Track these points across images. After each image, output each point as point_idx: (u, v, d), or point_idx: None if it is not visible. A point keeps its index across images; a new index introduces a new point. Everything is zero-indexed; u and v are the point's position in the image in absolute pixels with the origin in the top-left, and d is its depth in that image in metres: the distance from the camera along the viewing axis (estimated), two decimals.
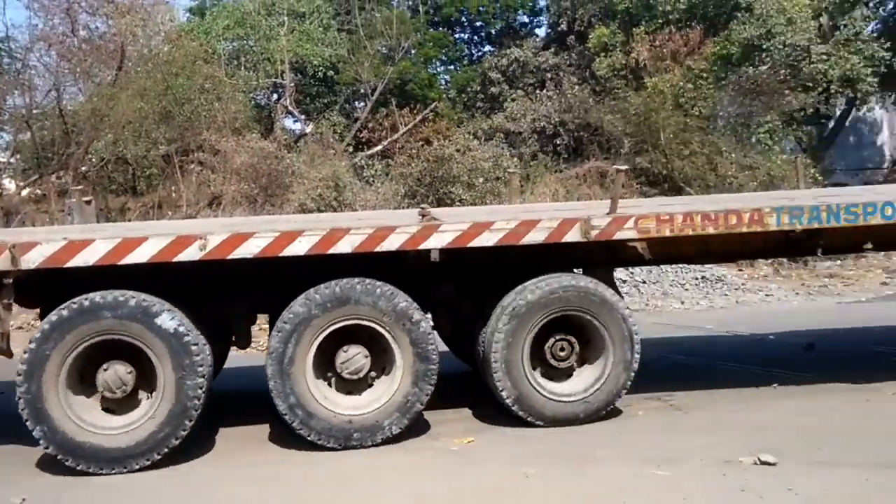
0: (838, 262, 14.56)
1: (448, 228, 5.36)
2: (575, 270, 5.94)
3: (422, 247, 5.31)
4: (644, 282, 12.67)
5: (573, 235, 5.46)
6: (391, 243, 5.25)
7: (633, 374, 5.64)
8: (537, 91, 22.00)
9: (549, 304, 5.50)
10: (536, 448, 5.23)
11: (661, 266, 12.59)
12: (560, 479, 4.68)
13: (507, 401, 5.51)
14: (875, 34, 19.96)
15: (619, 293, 5.95)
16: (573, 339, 5.63)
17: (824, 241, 6.03)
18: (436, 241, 5.31)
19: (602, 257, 5.95)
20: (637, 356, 5.62)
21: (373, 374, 5.41)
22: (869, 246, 6.31)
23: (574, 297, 5.54)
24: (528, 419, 5.53)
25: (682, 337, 9.15)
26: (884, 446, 5.05)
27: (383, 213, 9.97)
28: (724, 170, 16.48)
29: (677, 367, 7.68)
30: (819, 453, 4.96)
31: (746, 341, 8.92)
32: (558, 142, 20.33)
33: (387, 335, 5.28)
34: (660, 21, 20.16)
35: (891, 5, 20.07)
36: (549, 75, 23.16)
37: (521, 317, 5.46)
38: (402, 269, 5.52)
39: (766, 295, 12.52)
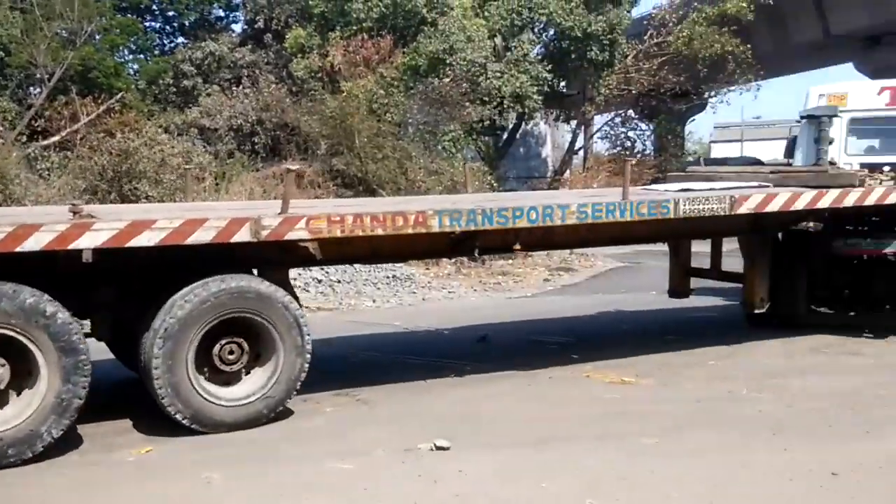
0: (510, 261, 16.11)
1: (103, 227, 4.99)
2: (254, 271, 5.88)
3: (72, 247, 4.90)
4: (339, 281, 12.98)
5: (243, 235, 5.35)
6: (35, 243, 4.79)
7: (308, 357, 5.74)
8: (233, 87, 21.51)
9: (210, 309, 5.34)
10: (219, 452, 5.16)
11: (356, 266, 13.03)
12: (244, 482, 4.66)
13: (178, 418, 5.32)
14: (539, 57, 22.40)
15: (287, 289, 5.90)
16: (241, 341, 5.56)
17: (481, 242, 6.52)
18: (89, 241, 4.93)
19: (275, 258, 5.93)
20: (308, 338, 5.74)
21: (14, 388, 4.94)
22: (517, 246, 6.75)
23: (228, 299, 5.41)
24: (208, 431, 5.40)
25: (372, 334, 9.55)
26: (541, 425, 5.73)
27: (42, 210, 9.00)
28: (413, 174, 17.42)
29: (365, 363, 7.99)
30: (487, 436, 5.50)
31: (429, 336, 9.55)
32: (256, 140, 20.07)
33: (20, 337, 4.82)
34: (354, 27, 20.76)
35: (552, 32, 22.63)
36: (245, 72, 22.76)
37: (183, 324, 5.26)
38: (56, 270, 5.10)
39: (449, 292, 13.47)
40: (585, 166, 28.15)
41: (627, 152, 29.84)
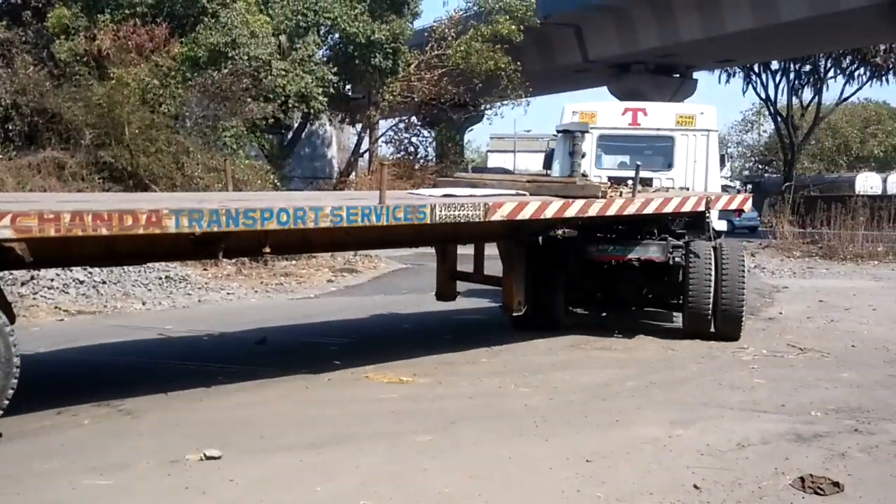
0: (293, 261, 15.88)
1: None
2: None
3: None
4: (104, 282, 12.04)
5: None
6: None
7: (16, 373, 5.26)
8: None
9: None
10: None
11: (124, 266, 12.17)
12: None
13: None
14: (325, 59, 22.36)
15: None
16: None
17: (227, 243, 6.16)
18: None
19: None
20: (15, 350, 5.26)
21: None
22: (267, 249, 6.38)
23: None
24: None
25: (139, 339, 8.97)
26: (318, 428, 5.67)
27: None
28: (191, 170, 16.62)
29: (130, 370, 7.50)
30: (261, 441, 5.35)
31: (203, 340, 9.15)
32: (10, 126, 18.10)
33: None
34: (126, 11, 19.46)
35: (336, 36, 22.71)
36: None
37: None
38: None
39: (228, 293, 13.00)
40: (371, 169, 28.48)
41: (411, 157, 30.64)
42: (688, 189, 10.29)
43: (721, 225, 10.86)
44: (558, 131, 10.69)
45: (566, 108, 11.03)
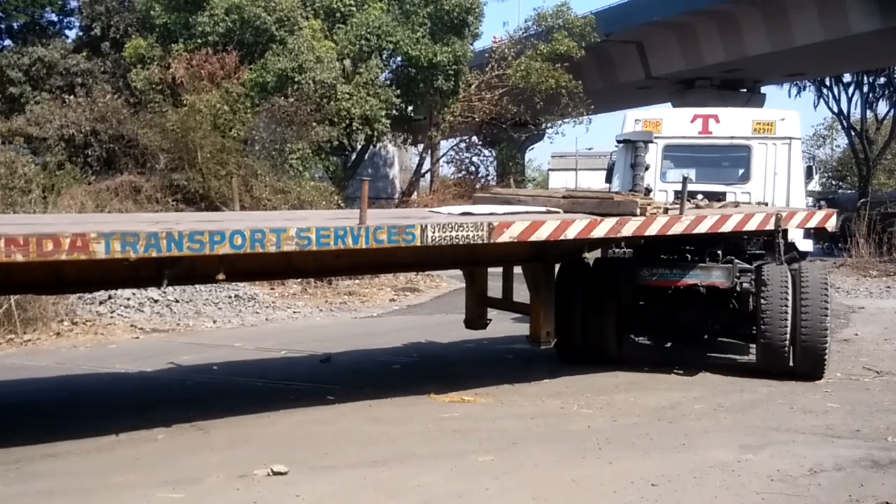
0: (356, 280, 16.11)
1: None
2: None
3: None
4: (177, 301, 12.46)
5: None
6: None
7: None
8: (66, 96, 20.23)
9: None
10: (37, 485, 4.81)
11: (195, 286, 12.55)
12: None
13: None
14: (388, 82, 22.74)
15: None
16: None
17: (172, 270, 5.61)
18: None
19: None
20: None
21: None
22: (221, 276, 5.73)
23: None
24: None
25: (211, 356, 9.22)
26: (381, 446, 5.74)
27: None
28: (258, 192, 17.07)
29: (201, 386, 7.72)
30: (326, 458, 5.45)
31: (271, 357, 9.34)
32: (89, 152, 18.94)
33: None
34: (198, 41, 20.17)
35: (399, 59, 23.09)
36: (80, 80, 21.51)
37: None
38: None
39: (294, 312, 13.27)
40: (432, 189, 28.71)
41: (472, 176, 30.77)
42: (766, 204, 9.27)
43: (806, 245, 9.77)
44: (619, 141, 9.82)
45: (628, 115, 10.20)
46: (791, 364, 7.92)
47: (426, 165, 30.57)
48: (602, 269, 8.58)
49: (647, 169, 9.10)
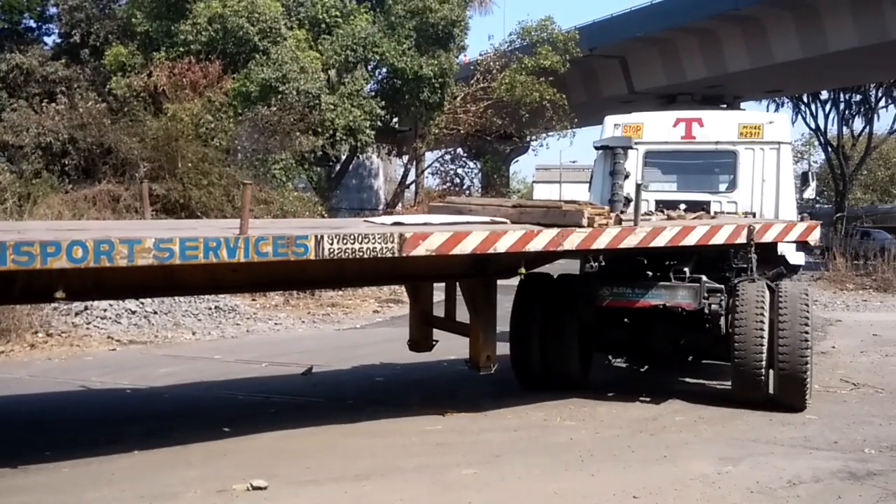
0: (340, 292, 16.02)
1: None
2: None
3: None
4: (155, 312, 12.32)
5: None
6: None
7: None
8: (44, 103, 20.04)
9: None
10: (11, 499, 4.72)
11: (175, 297, 12.42)
12: None
13: None
14: (373, 93, 22.77)
15: None
16: None
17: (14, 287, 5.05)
18: None
19: None
20: None
21: None
22: (61, 294, 4.78)
23: None
24: None
25: (189, 368, 9.13)
26: (363, 459, 5.67)
27: None
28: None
29: (179, 398, 7.63)
30: (307, 472, 5.38)
31: (250, 369, 9.23)
32: (67, 161, 18.74)
33: None
34: (181, 49, 20.10)
35: (384, 70, 23.15)
36: (59, 88, 21.33)
37: None
38: None
39: (276, 324, 13.16)
40: (416, 200, 28.73)
41: (457, 188, 30.84)
42: (754, 214, 8.70)
43: (798, 258, 9.06)
44: (597, 148, 9.09)
45: (607, 120, 9.48)
46: (770, 392, 7.21)
47: (411, 176, 30.62)
48: (561, 286, 7.80)
49: (626, 177, 8.49)
